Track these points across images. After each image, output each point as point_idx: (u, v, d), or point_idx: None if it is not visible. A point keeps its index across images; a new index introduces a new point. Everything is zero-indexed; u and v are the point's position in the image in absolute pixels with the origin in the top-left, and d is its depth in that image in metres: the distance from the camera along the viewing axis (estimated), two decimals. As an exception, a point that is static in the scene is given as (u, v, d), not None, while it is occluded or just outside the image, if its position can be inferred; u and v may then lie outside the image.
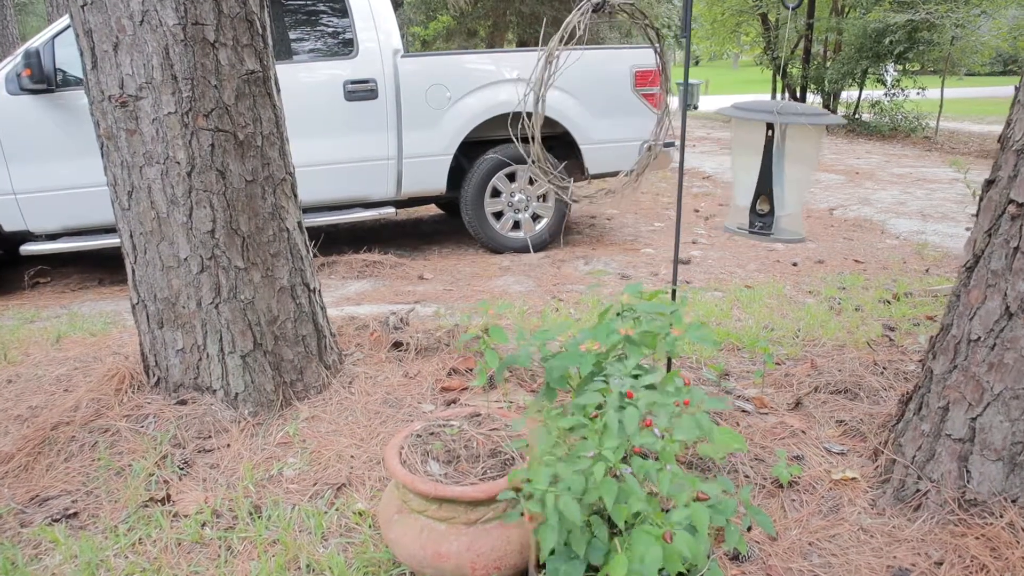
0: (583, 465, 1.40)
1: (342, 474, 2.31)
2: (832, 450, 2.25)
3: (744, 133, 2.04)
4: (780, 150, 1.98)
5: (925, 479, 1.86)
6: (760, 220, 2.06)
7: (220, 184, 2.41)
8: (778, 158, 1.98)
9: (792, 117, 1.92)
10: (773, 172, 1.99)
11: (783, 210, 2.03)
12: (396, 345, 3.14)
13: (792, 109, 1.96)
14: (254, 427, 2.55)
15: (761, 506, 2.01)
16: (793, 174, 2.00)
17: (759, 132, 2.00)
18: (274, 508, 2.16)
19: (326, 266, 5.27)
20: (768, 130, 2.00)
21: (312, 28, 5.15)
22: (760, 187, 2.03)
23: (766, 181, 2.01)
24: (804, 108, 1.99)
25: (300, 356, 2.71)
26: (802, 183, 2.02)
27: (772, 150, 1.98)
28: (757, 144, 2.00)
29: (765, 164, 1.99)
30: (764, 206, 2.04)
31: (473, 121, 5.27)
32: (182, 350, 2.58)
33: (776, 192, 2.00)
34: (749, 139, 2.01)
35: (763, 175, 2.01)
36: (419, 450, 1.89)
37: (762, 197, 2.04)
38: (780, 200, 2.01)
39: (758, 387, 2.73)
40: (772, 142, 1.98)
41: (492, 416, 2.01)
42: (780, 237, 2.08)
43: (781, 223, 2.06)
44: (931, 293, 4.33)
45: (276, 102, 2.55)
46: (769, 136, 1.99)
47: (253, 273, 2.54)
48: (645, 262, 5.28)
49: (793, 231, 2.09)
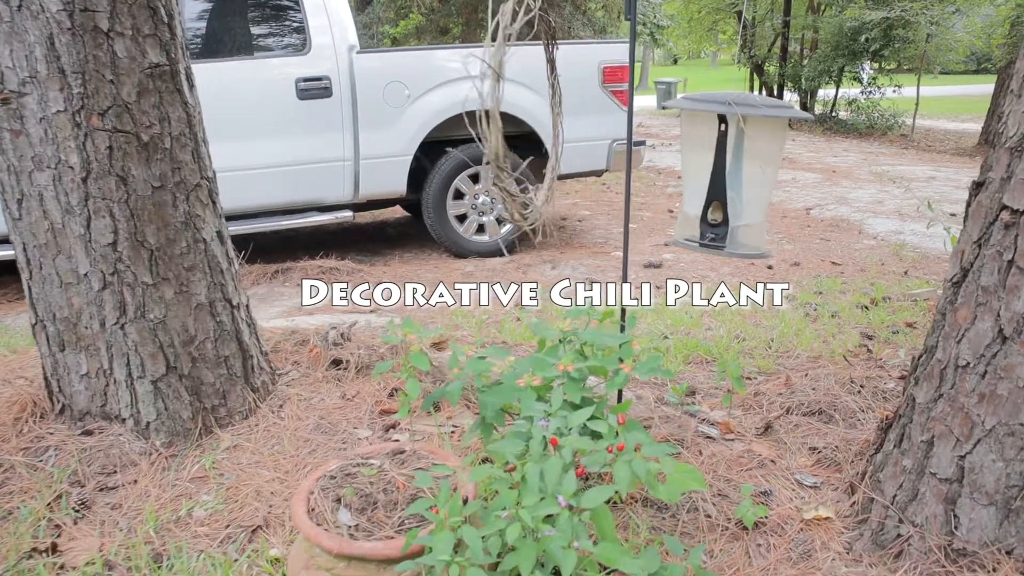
0: (496, 527, 1.17)
1: (259, 514, 2.06)
2: (804, 483, 2.03)
3: (694, 128, 1.78)
4: (736, 148, 1.73)
5: (907, 523, 1.64)
6: (712, 231, 1.80)
7: (121, 191, 2.15)
8: (734, 158, 1.73)
9: (748, 108, 1.67)
10: (727, 175, 1.73)
11: (739, 220, 1.77)
12: (335, 363, 2.89)
13: (749, 100, 1.71)
14: (167, 460, 2.29)
15: (723, 552, 1.78)
16: (752, 177, 1.75)
17: (711, 127, 1.75)
18: (177, 556, 1.91)
19: (280, 273, 5.00)
20: (721, 124, 1.75)
21: (261, 23, 4.89)
22: (712, 192, 1.77)
23: (719, 185, 1.75)
24: (763, 100, 1.75)
25: (222, 379, 2.46)
26: (762, 188, 1.77)
27: (726, 148, 1.73)
28: (708, 141, 1.75)
29: (718, 165, 1.74)
30: (717, 215, 1.79)
31: (434, 120, 5.02)
32: (87, 375, 2.31)
33: (731, 198, 1.75)
34: (699, 135, 1.75)
35: (715, 178, 1.75)
36: (331, 495, 1.64)
37: (714, 204, 1.78)
38: (736, 208, 1.76)
39: (725, 409, 2.50)
40: (726, 138, 1.73)
41: (418, 454, 1.77)
42: (736, 251, 1.84)
43: (737, 235, 1.80)
44: (910, 297, 4.14)
45: (188, 99, 2.29)
46: (722, 131, 1.74)
47: (164, 289, 2.28)
48: (615, 265, 5.06)
49: (752, 245, 1.84)
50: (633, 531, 1.86)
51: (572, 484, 1.18)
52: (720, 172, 1.75)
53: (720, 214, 1.78)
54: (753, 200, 1.76)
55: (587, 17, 12.42)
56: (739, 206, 1.76)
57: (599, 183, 8.60)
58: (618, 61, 5.42)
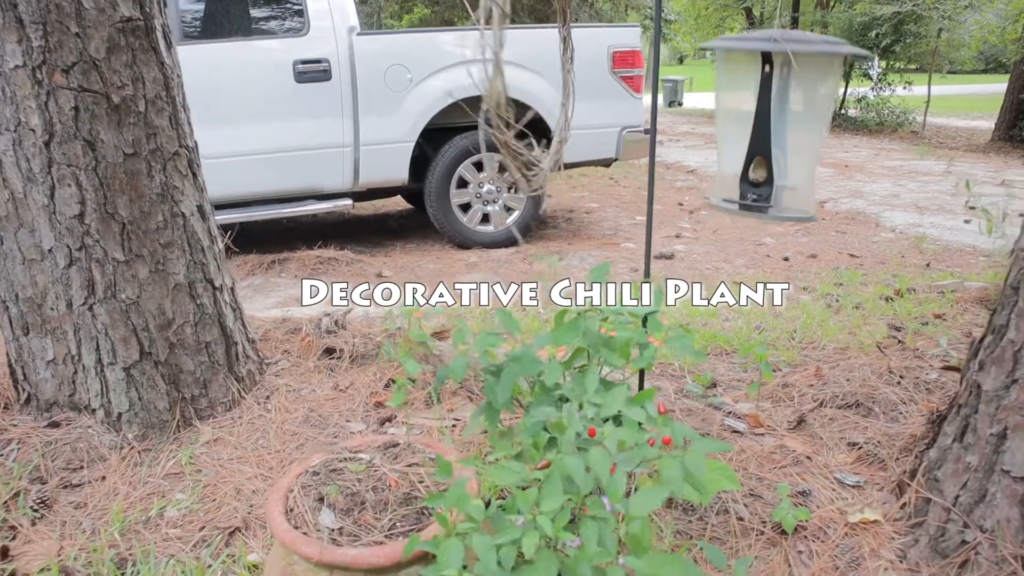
0: (510, 535, 0.96)
1: (238, 515, 1.86)
2: (846, 482, 1.81)
3: (732, 73, 1.56)
4: (782, 94, 1.51)
5: (974, 527, 1.43)
6: (755, 191, 1.57)
7: (89, 157, 1.95)
8: (779, 106, 1.51)
9: (798, 45, 1.44)
10: (772, 127, 1.52)
11: (785, 179, 1.55)
12: (328, 352, 2.68)
13: (797, 36, 1.48)
14: (139, 454, 2.09)
15: (760, 559, 1.57)
16: (800, 129, 1.53)
17: (752, 70, 1.53)
18: (144, 561, 1.70)
19: (276, 264, 4.79)
20: (765, 65, 1.52)
21: (257, 3, 4.68)
22: (754, 147, 1.55)
23: (762, 139, 1.52)
24: (812, 35, 1.52)
25: (203, 367, 2.25)
26: (812, 141, 1.55)
27: (771, 95, 1.51)
28: (750, 87, 1.53)
29: (761, 115, 1.52)
30: (760, 172, 1.57)
31: (437, 105, 4.81)
32: (53, 361, 2.11)
33: (776, 155, 1.53)
34: (738, 81, 1.53)
35: (758, 131, 1.52)
36: (313, 494, 1.44)
37: (757, 160, 1.56)
38: (781, 165, 1.54)
39: (752, 401, 2.29)
40: (770, 83, 1.51)
41: (413, 447, 1.56)
42: (782, 215, 1.62)
43: (783, 196, 1.58)
44: (936, 289, 3.92)
45: (165, 59, 2.09)
46: (766, 74, 1.52)
47: (137, 267, 2.07)
48: (624, 257, 4.84)
49: (799, 208, 1.62)
50: (656, 536, 1.65)
51: (621, 486, 0.96)
52: (764, 123, 1.52)
53: (764, 172, 1.56)
54: (801, 155, 1.54)
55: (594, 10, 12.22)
56: (784, 163, 1.54)
57: (607, 177, 8.40)
58: (629, 45, 5.20)
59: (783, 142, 1.53)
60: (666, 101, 20.33)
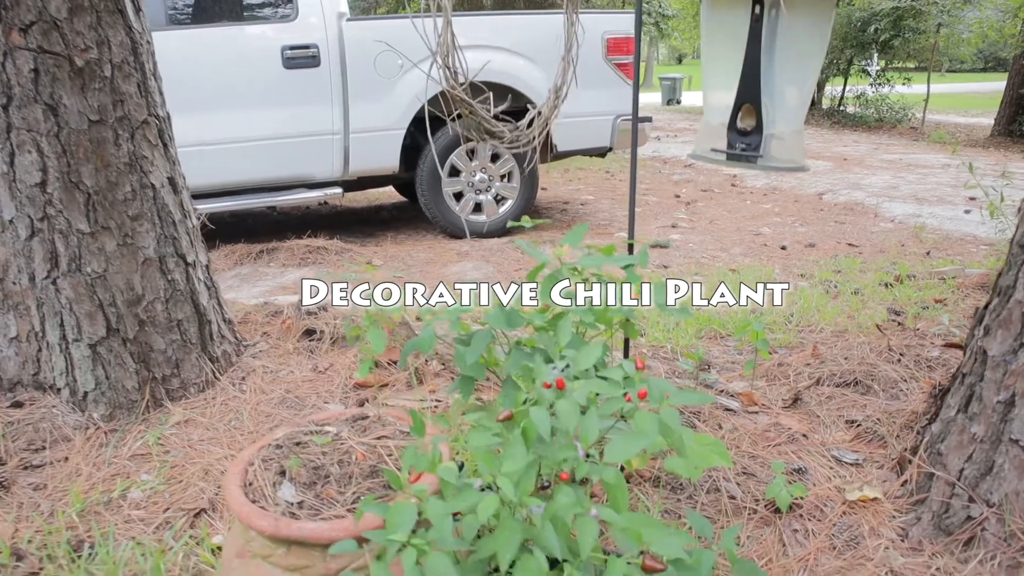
0: (469, 501, 0.87)
1: (204, 496, 1.77)
2: (843, 459, 1.72)
3: (719, 15, 1.45)
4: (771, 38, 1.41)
5: (980, 502, 1.34)
6: (743, 140, 1.47)
7: (51, 122, 1.86)
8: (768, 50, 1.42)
9: None
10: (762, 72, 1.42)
11: (774, 126, 1.46)
12: (308, 333, 2.60)
13: (790, -25, 1.40)
14: (106, 435, 2.00)
15: (752, 539, 1.48)
16: (789, 74, 1.43)
17: (741, 13, 1.43)
18: (103, 543, 1.61)
19: (265, 253, 4.70)
20: (755, 6, 1.42)
21: (245, -14, 4.59)
22: (743, 94, 1.45)
23: (751, 85, 1.43)
24: (805, -26, 1.44)
25: (175, 346, 2.16)
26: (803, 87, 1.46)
27: (761, 38, 1.41)
28: (739, 31, 1.43)
29: (750, 60, 1.42)
30: (748, 120, 1.47)
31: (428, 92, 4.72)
32: (16, 338, 2.02)
33: (766, 101, 1.44)
34: (726, 24, 1.43)
35: (747, 76, 1.43)
36: (274, 467, 1.35)
37: (745, 108, 1.46)
38: (771, 112, 1.45)
39: (747, 380, 2.20)
40: (760, 26, 1.41)
41: (383, 419, 1.47)
42: (771, 164, 1.52)
43: (772, 145, 1.49)
44: (937, 275, 3.83)
45: (132, 23, 2.00)
46: (756, 16, 1.42)
47: (104, 239, 1.98)
48: (618, 245, 4.75)
49: (790, 158, 1.52)
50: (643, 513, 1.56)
51: (594, 430, 0.88)
52: (753, 69, 1.43)
53: (753, 120, 1.47)
54: (791, 101, 1.45)
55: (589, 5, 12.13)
56: (773, 110, 1.45)
57: (603, 171, 8.31)
58: (623, 32, 5.12)
59: (772, 89, 1.44)
60: (665, 99, 20.23)
